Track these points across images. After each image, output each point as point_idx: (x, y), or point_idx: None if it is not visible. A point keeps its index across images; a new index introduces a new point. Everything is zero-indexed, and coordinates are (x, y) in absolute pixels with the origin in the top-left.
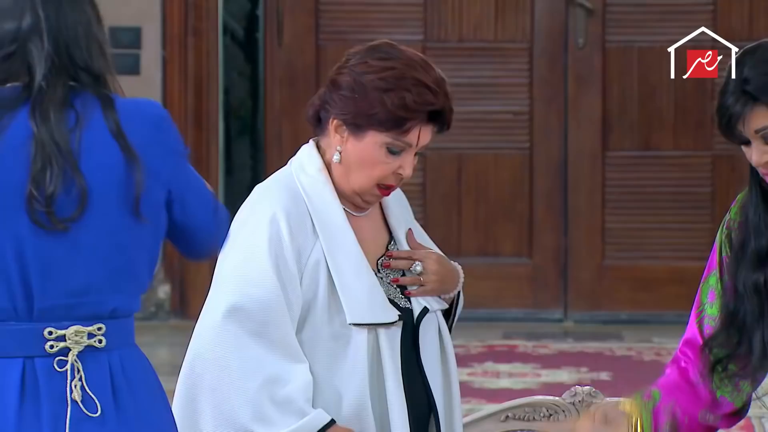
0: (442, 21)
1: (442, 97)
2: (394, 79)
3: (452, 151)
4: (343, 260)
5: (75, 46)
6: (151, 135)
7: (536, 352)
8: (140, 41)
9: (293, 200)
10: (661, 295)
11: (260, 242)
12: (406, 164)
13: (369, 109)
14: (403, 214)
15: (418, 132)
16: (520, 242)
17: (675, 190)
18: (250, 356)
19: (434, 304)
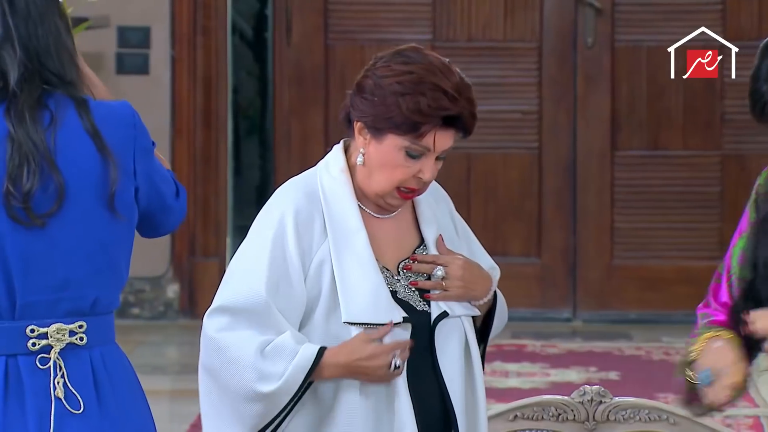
0: (451, 20)
1: (462, 103)
2: (411, 83)
3: (461, 151)
4: (349, 260)
5: (46, 54)
6: (125, 135)
7: (545, 352)
8: (149, 41)
9: (307, 199)
10: (669, 295)
11: (264, 242)
12: (425, 168)
13: (386, 112)
14: (439, 217)
15: (433, 137)
16: (528, 242)
17: (684, 190)
18: (242, 334)
19: (458, 309)
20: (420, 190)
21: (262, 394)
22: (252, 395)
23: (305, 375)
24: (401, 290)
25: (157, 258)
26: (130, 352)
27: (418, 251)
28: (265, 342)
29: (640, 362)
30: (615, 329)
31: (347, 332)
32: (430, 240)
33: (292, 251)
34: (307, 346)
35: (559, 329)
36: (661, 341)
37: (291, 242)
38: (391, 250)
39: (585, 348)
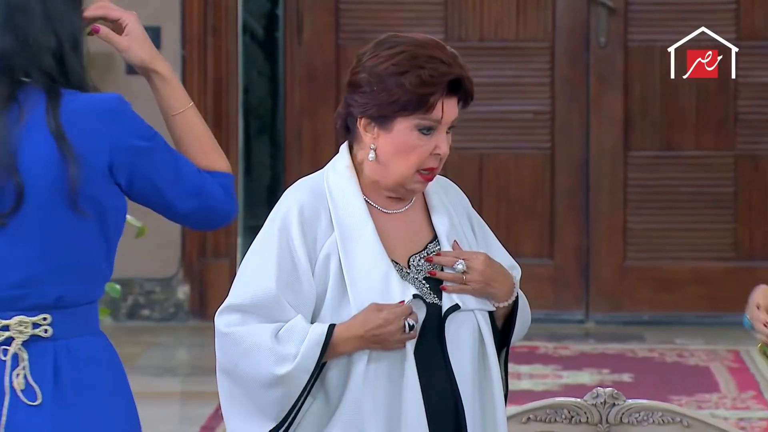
0: (462, 20)
1: (458, 67)
2: (406, 60)
3: (473, 151)
4: (357, 252)
5: (25, 43)
6: (98, 131)
7: (557, 354)
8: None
9: (312, 196)
10: (683, 296)
11: (270, 240)
12: (440, 142)
13: (390, 96)
14: (452, 211)
15: (441, 106)
16: (541, 242)
17: (697, 190)
18: (255, 326)
19: (471, 303)
20: (438, 168)
21: (280, 377)
22: (271, 380)
23: (320, 351)
24: (411, 282)
25: (167, 259)
26: (140, 353)
27: (431, 246)
28: (278, 327)
29: (654, 364)
30: (628, 331)
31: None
32: (442, 233)
33: (298, 247)
34: (318, 324)
35: (572, 331)
36: (674, 343)
37: (296, 238)
38: (401, 245)
39: (598, 350)
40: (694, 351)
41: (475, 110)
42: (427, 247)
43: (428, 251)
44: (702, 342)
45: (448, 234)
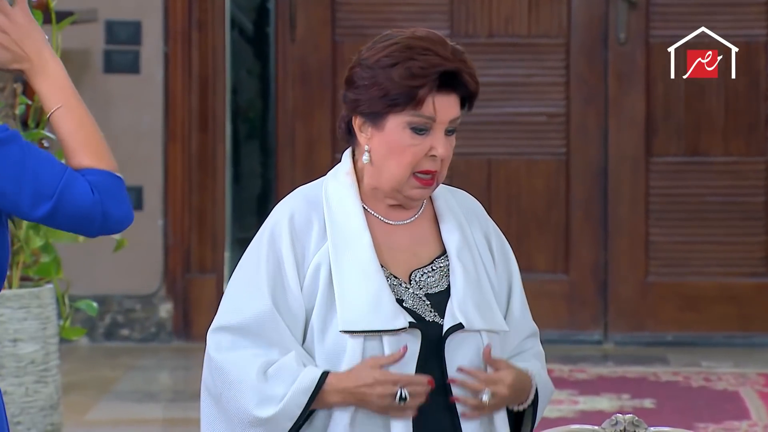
0: (470, 14)
1: (454, 61)
2: (399, 52)
3: (481, 157)
4: (349, 264)
5: None
6: None
7: (573, 377)
8: (140, 36)
9: (306, 204)
10: (710, 315)
11: (260, 253)
12: (436, 143)
13: (380, 90)
14: (467, 228)
15: (432, 101)
16: (555, 256)
17: (725, 200)
18: (245, 354)
19: (477, 323)
20: (439, 173)
21: (261, 420)
22: (252, 420)
23: (307, 399)
24: (409, 299)
25: (148, 274)
26: (119, 377)
27: (438, 261)
28: (268, 363)
29: (678, 389)
30: (650, 352)
31: (344, 343)
32: (452, 248)
33: (287, 261)
34: (310, 369)
35: (589, 352)
36: (700, 366)
37: (285, 249)
38: (403, 259)
39: (617, 373)
40: (722, 374)
41: (484, 112)
42: (434, 262)
43: (434, 266)
44: (731, 365)
45: (458, 250)
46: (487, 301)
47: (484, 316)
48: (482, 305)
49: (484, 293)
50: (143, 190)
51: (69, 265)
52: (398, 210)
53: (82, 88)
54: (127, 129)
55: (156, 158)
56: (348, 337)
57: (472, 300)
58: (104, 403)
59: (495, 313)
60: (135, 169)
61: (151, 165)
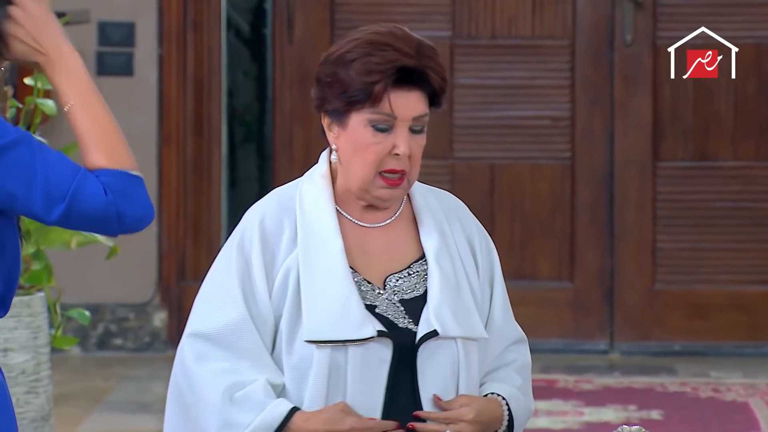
0: (472, 15)
1: (416, 57)
2: (360, 48)
3: (484, 161)
4: (319, 270)
5: None
6: None
7: (578, 388)
8: (134, 38)
9: (279, 207)
10: (718, 324)
11: (230, 258)
12: (399, 141)
13: (341, 87)
14: (446, 231)
15: (389, 98)
16: (560, 263)
17: (735, 205)
18: (215, 369)
19: (453, 329)
20: (408, 173)
21: None
22: None
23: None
24: (382, 304)
25: (142, 282)
26: (112, 388)
27: (415, 265)
28: (236, 384)
29: (686, 399)
30: (657, 362)
31: (310, 353)
32: (430, 252)
33: (256, 264)
34: (278, 402)
35: (595, 362)
36: (709, 376)
37: (255, 254)
38: (378, 263)
39: (623, 383)
40: (731, 385)
41: (486, 116)
42: (411, 266)
43: (410, 271)
44: (740, 375)
45: (437, 253)
46: (466, 307)
47: (462, 322)
48: (460, 311)
49: (463, 299)
50: None
51: (61, 273)
52: (373, 212)
53: None
54: None
55: (150, 162)
56: (314, 348)
57: (449, 306)
58: (97, 414)
59: (473, 319)
60: None
61: (144, 169)
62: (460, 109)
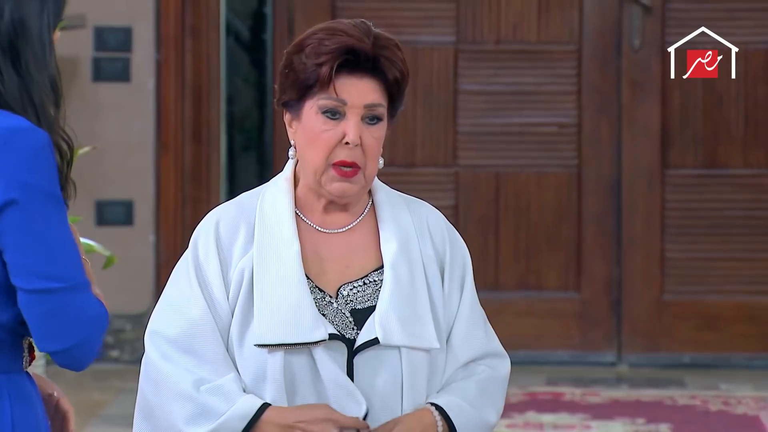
0: (477, 20)
1: (368, 44)
2: (314, 34)
3: (488, 169)
4: (273, 273)
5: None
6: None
7: (585, 401)
8: (130, 43)
9: (237, 209)
10: (729, 335)
11: (187, 264)
12: (348, 128)
13: (295, 75)
14: (410, 238)
15: (333, 80)
16: (566, 274)
17: (745, 214)
18: (181, 364)
19: (397, 337)
20: (363, 167)
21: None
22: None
23: (244, 426)
24: (330, 314)
25: (139, 292)
26: (108, 400)
27: (373, 274)
28: (201, 380)
29: (696, 413)
30: (666, 374)
31: (261, 357)
32: (387, 260)
33: (213, 266)
34: (251, 396)
35: (602, 374)
36: (719, 389)
37: (212, 256)
38: (334, 271)
39: (632, 396)
40: (741, 398)
41: (491, 122)
42: (368, 276)
43: (366, 280)
44: (751, 388)
45: (394, 261)
46: (419, 316)
47: (409, 331)
48: (409, 320)
49: (418, 309)
50: (134, 204)
51: None
52: (334, 217)
53: (70, 97)
54: (116, 140)
55: (147, 171)
56: (265, 352)
57: (397, 314)
58: (92, 427)
59: (425, 329)
60: (125, 182)
61: (142, 178)
62: (465, 115)
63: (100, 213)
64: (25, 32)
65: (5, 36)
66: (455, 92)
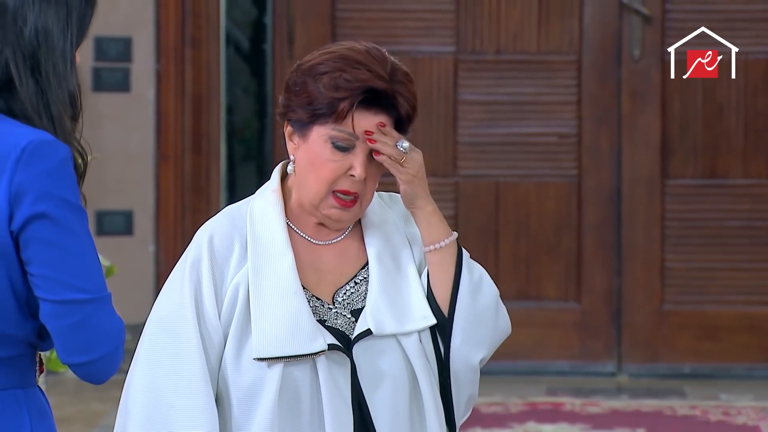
0: (476, 30)
1: (388, 81)
2: (332, 61)
3: (489, 179)
4: (269, 286)
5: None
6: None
7: (585, 411)
8: (130, 53)
9: (229, 223)
10: (729, 345)
11: (183, 279)
12: (356, 163)
13: (308, 98)
14: (389, 231)
15: (352, 117)
16: (566, 284)
17: (745, 224)
18: (145, 390)
19: (390, 325)
20: (362, 197)
21: None
22: None
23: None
24: (331, 318)
25: (138, 302)
26: (108, 411)
27: (362, 272)
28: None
29: (696, 423)
30: (666, 385)
31: (260, 370)
32: (372, 256)
33: (206, 283)
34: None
35: (602, 385)
36: (719, 399)
37: (205, 273)
38: (328, 279)
39: (632, 406)
40: (741, 408)
41: (491, 132)
42: (357, 275)
43: (356, 279)
44: (751, 398)
45: (378, 255)
46: (407, 301)
47: (400, 319)
48: (399, 308)
49: (405, 291)
50: (133, 214)
51: None
52: (326, 229)
53: None
54: (116, 150)
55: (147, 181)
56: (265, 366)
57: (387, 304)
58: None
59: (415, 311)
60: (125, 192)
61: (141, 188)
62: (465, 125)
63: (100, 223)
64: (48, 43)
65: (28, 44)
66: (455, 102)
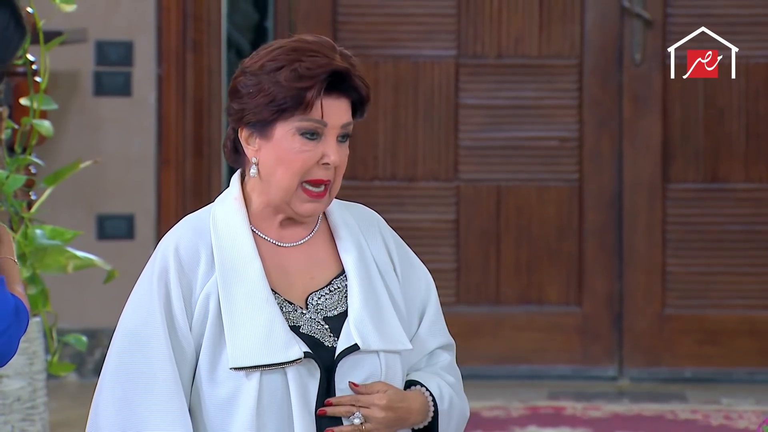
0: (477, 34)
1: (341, 61)
2: (284, 55)
3: (489, 183)
4: (239, 294)
5: None
6: None
7: (586, 415)
8: (132, 57)
9: (194, 233)
10: (731, 350)
11: (150, 290)
12: (329, 149)
13: (267, 96)
14: (363, 243)
15: (320, 104)
16: (567, 288)
17: (747, 228)
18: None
19: (374, 343)
20: (332, 184)
21: None
22: None
23: None
24: (305, 324)
25: None
26: None
27: (336, 281)
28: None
29: (697, 427)
30: (667, 389)
31: (237, 380)
32: (350, 268)
33: (175, 294)
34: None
35: (603, 389)
36: (720, 403)
37: (173, 284)
38: (299, 283)
39: (633, 411)
40: (743, 412)
41: (492, 136)
42: (331, 283)
43: (331, 288)
44: (752, 402)
45: (356, 268)
46: (387, 319)
47: (383, 335)
48: (381, 324)
49: (384, 311)
50: (135, 219)
51: (57, 298)
52: (291, 231)
53: (71, 111)
54: (117, 154)
55: (148, 185)
56: (242, 375)
57: (370, 319)
58: None
59: (395, 331)
60: (126, 196)
61: (143, 192)
62: (466, 129)
63: (101, 227)
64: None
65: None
66: (456, 106)
